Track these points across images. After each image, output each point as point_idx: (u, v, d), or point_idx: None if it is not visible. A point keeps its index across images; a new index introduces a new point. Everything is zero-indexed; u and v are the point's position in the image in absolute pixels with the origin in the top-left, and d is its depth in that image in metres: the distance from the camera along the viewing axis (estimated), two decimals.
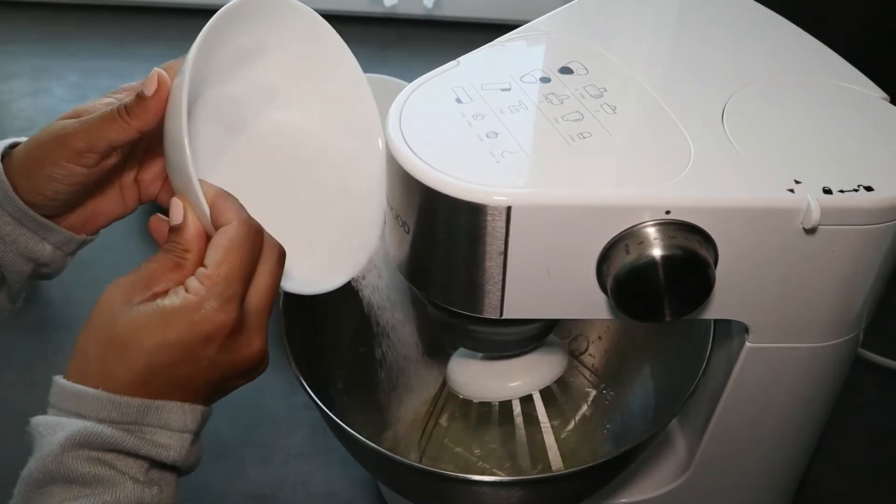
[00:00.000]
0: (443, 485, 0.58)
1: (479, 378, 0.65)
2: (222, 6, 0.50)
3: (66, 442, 0.43)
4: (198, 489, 0.49)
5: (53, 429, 0.44)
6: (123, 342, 0.45)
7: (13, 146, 0.54)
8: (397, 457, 0.57)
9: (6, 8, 1.44)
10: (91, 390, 0.44)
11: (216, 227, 0.48)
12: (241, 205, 0.49)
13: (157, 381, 0.45)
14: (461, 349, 0.67)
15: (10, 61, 1.35)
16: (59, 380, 0.45)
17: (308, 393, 0.59)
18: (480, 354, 0.65)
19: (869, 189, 0.48)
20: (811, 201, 0.48)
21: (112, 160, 0.53)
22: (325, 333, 0.67)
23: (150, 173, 0.58)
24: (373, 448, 0.56)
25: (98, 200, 0.56)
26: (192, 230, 0.48)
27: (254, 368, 0.49)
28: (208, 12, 0.51)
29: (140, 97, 0.50)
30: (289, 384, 0.71)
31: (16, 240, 0.53)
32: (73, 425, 0.44)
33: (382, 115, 0.52)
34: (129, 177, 0.57)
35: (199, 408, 0.47)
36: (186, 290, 0.46)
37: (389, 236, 0.55)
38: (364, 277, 0.60)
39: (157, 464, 0.46)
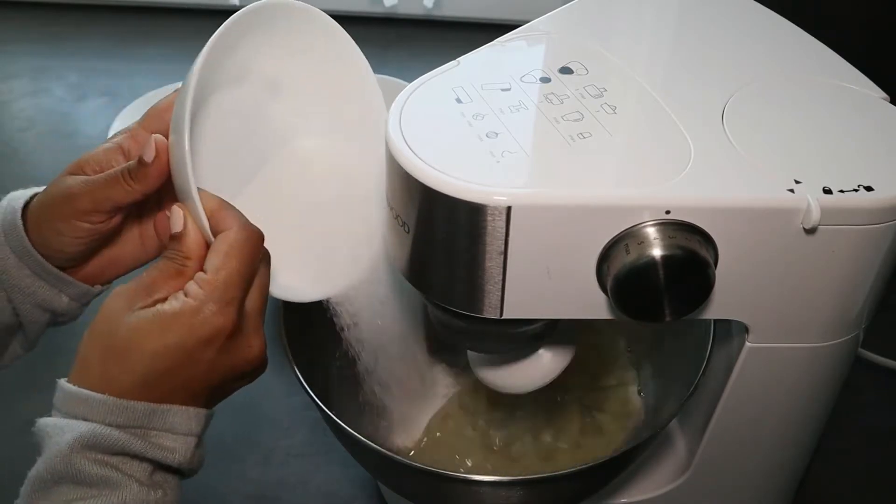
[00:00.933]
0: (443, 485, 0.58)
1: (506, 370, 0.64)
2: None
3: (74, 443, 0.44)
4: (198, 489, 0.49)
5: (62, 430, 0.44)
6: (124, 347, 0.46)
7: (32, 199, 0.55)
8: (397, 457, 0.57)
9: (6, 8, 1.44)
10: (97, 395, 0.45)
11: (216, 234, 0.48)
12: (239, 212, 0.49)
13: (158, 385, 0.46)
14: None
15: (10, 61, 1.35)
16: (65, 384, 0.46)
17: (308, 393, 0.59)
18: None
19: (869, 189, 0.48)
20: (811, 201, 0.48)
21: (119, 219, 0.54)
22: (325, 333, 0.66)
23: None
24: (373, 448, 0.56)
25: (115, 249, 0.57)
26: (193, 238, 0.48)
27: (254, 370, 0.50)
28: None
29: (141, 163, 0.51)
30: (289, 384, 0.71)
31: (34, 292, 0.54)
32: (81, 427, 0.44)
33: None
34: (149, 226, 0.58)
35: (203, 411, 0.48)
36: (186, 295, 0.47)
37: (389, 236, 0.55)
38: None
39: (161, 467, 0.47)
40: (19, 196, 0.55)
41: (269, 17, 0.54)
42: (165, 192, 0.52)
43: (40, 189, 0.55)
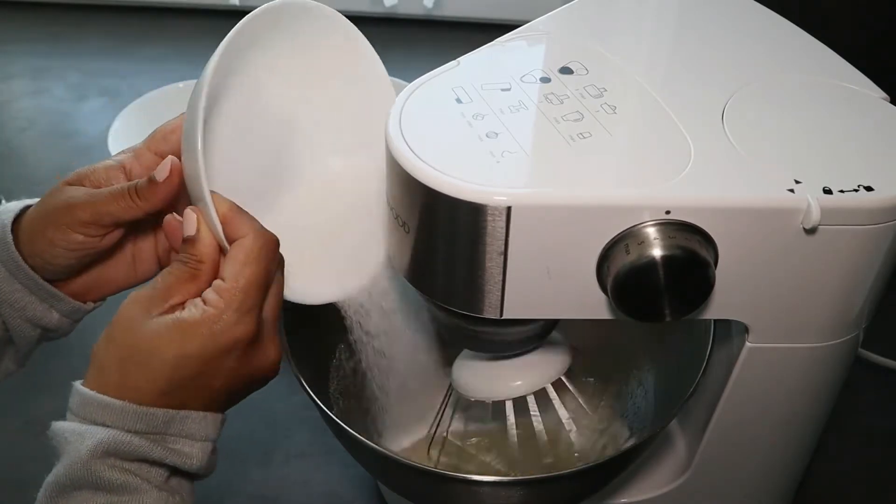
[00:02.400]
0: (443, 485, 0.58)
1: (484, 378, 0.65)
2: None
3: (94, 449, 0.44)
4: (198, 490, 0.49)
5: (81, 436, 0.44)
6: (145, 354, 0.46)
7: (24, 210, 0.54)
8: (397, 457, 0.57)
9: (6, 8, 1.44)
10: (117, 401, 0.45)
11: (231, 241, 0.48)
12: (253, 218, 0.49)
13: (178, 392, 0.46)
14: (465, 351, 0.67)
15: (10, 61, 1.35)
16: (82, 389, 0.46)
17: (308, 393, 0.59)
18: (483, 355, 0.65)
19: (869, 189, 0.48)
20: (811, 201, 0.48)
21: (114, 237, 0.53)
22: (326, 333, 0.66)
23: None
24: (373, 448, 0.56)
25: (105, 268, 0.56)
26: (206, 241, 0.48)
27: (268, 376, 0.51)
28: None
29: (151, 181, 0.51)
30: (289, 384, 0.70)
31: (25, 307, 0.54)
32: (101, 433, 0.44)
33: None
34: (144, 247, 0.57)
35: (219, 416, 0.49)
36: (205, 303, 0.47)
37: (389, 237, 0.55)
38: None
39: (176, 472, 0.47)
40: (9, 209, 0.54)
41: (289, 19, 0.53)
42: (164, 214, 0.52)
43: (31, 202, 0.55)
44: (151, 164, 0.54)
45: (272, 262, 0.49)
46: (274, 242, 0.49)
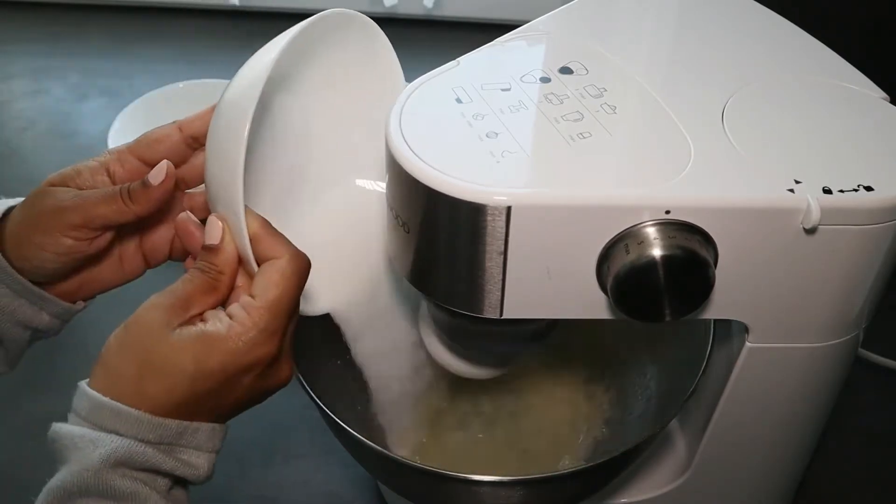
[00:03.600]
0: (443, 485, 0.58)
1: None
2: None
3: (107, 458, 0.43)
4: (198, 490, 0.49)
5: (93, 443, 0.44)
6: (164, 365, 0.45)
7: (7, 212, 0.54)
8: (397, 457, 0.57)
9: (6, 8, 1.44)
10: (133, 411, 0.44)
11: (261, 259, 0.48)
12: (286, 239, 0.49)
13: (193, 405, 0.46)
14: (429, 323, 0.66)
15: (10, 61, 1.35)
16: (93, 393, 0.45)
17: (308, 393, 0.59)
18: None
19: (869, 189, 0.48)
20: (811, 201, 0.48)
21: (103, 240, 0.53)
22: (325, 333, 0.66)
23: (155, 240, 0.57)
24: (373, 448, 0.56)
25: (93, 270, 0.56)
26: (229, 253, 0.48)
27: (274, 390, 0.51)
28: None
29: (146, 185, 0.51)
30: (289, 384, 0.70)
31: (14, 311, 0.53)
32: (116, 442, 0.44)
33: None
34: (129, 246, 0.57)
35: (224, 427, 0.49)
36: (231, 317, 0.46)
37: (389, 237, 0.55)
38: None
39: (178, 481, 0.47)
40: None
41: (334, 28, 0.53)
42: (153, 216, 0.53)
43: (14, 202, 0.54)
44: (134, 170, 0.54)
45: (303, 285, 0.48)
46: (307, 267, 0.49)
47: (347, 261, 0.60)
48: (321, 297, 0.59)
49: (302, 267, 0.48)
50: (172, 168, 0.51)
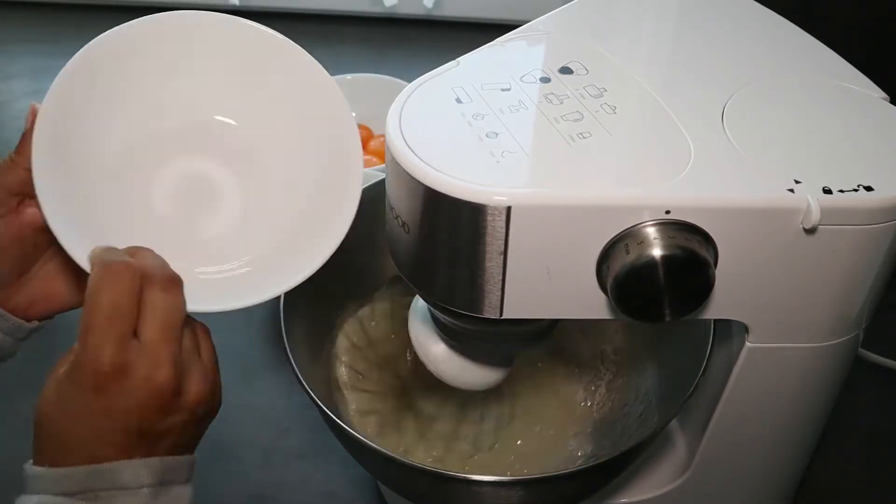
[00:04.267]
0: (443, 485, 0.58)
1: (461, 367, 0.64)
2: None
3: None
4: (197, 490, 0.49)
5: None
6: (45, 420, 0.46)
7: None
8: (397, 457, 0.57)
9: (6, 8, 1.44)
10: (38, 470, 0.46)
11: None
12: (100, 250, 0.48)
13: (87, 446, 0.46)
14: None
15: (10, 61, 1.35)
16: (26, 467, 0.47)
17: (308, 393, 0.59)
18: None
19: (869, 189, 0.48)
20: (811, 201, 0.48)
21: (25, 232, 0.53)
22: (325, 333, 0.67)
23: None
24: (373, 448, 0.56)
25: (46, 283, 0.56)
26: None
27: (173, 402, 0.47)
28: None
29: (23, 135, 0.51)
30: (289, 384, 0.71)
31: None
32: (32, 500, 0.45)
33: (382, 115, 0.52)
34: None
35: (153, 460, 0.46)
36: (70, 351, 0.46)
37: (389, 236, 0.55)
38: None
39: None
40: None
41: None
42: None
43: None
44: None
45: (121, 288, 0.45)
46: (118, 271, 0.46)
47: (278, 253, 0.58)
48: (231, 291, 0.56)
49: (105, 273, 0.46)
50: (37, 107, 0.52)
